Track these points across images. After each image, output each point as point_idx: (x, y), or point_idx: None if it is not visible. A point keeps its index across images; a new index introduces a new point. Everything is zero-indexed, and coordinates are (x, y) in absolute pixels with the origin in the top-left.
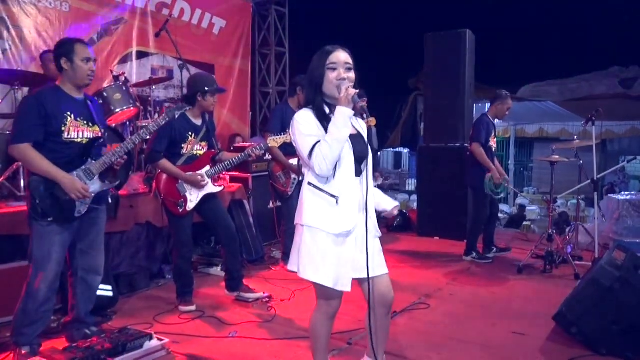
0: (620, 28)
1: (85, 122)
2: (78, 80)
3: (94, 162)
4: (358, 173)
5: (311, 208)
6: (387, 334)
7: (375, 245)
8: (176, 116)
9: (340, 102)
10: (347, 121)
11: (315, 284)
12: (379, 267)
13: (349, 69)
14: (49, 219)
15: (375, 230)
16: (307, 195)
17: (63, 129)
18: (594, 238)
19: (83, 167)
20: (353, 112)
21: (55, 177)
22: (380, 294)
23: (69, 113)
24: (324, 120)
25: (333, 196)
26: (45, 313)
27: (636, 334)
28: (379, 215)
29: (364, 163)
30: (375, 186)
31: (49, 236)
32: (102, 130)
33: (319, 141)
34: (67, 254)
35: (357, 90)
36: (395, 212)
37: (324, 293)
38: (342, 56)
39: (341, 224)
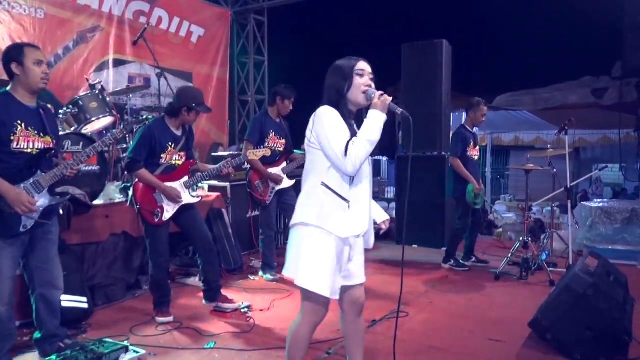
0: (592, 40)
1: (36, 132)
2: (32, 84)
3: (43, 174)
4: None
5: (322, 208)
6: (361, 339)
7: (363, 254)
8: (140, 119)
9: (376, 107)
10: (382, 125)
11: (308, 293)
12: (362, 275)
13: (372, 79)
14: None
15: (369, 240)
16: (320, 195)
17: (12, 138)
18: (568, 245)
19: (32, 179)
20: (386, 118)
21: None
22: (352, 299)
23: (19, 122)
24: (346, 125)
25: (346, 200)
26: (11, 330)
27: (609, 339)
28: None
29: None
30: None
31: None
32: (54, 141)
33: (351, 139)
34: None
35: (392, 98)
36: (384, 227)
37: (315, 302)
38: (367, 67)
39: (351, 228)
